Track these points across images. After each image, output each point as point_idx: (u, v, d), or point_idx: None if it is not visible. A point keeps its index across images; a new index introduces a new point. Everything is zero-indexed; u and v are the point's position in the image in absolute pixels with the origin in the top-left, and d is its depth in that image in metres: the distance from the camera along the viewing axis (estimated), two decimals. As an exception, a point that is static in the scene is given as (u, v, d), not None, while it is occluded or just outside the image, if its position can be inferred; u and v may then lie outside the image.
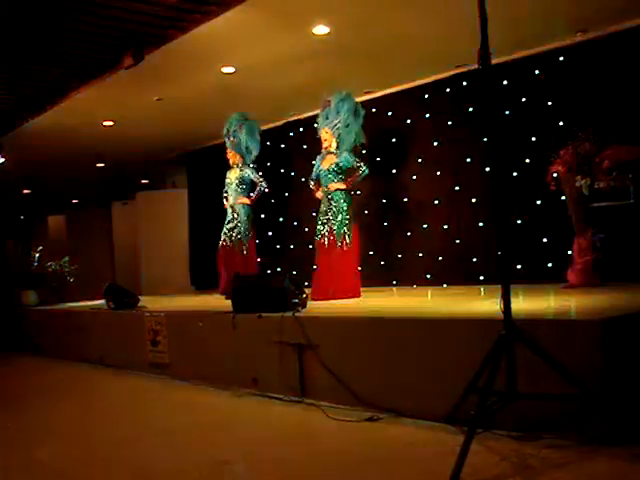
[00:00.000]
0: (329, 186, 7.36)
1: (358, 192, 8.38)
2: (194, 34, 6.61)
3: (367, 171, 7.41)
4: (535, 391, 3.48)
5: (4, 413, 5.66)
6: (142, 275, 12.76)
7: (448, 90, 8.25)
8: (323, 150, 7.60)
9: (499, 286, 3.48)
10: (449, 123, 8.22)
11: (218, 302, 7.46)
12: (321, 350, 5.00)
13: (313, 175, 7.73)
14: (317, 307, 6.02)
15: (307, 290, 6.23)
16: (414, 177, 8.62)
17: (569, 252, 6.47)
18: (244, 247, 8.51)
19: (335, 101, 7.48)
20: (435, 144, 8.37)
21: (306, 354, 5.13)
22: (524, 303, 5.01)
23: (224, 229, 8.64)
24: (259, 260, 9.05)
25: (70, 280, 11.83)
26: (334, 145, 7.50)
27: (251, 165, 8.82)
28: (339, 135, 7.47)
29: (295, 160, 10.16)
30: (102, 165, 13.16)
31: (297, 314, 5.35)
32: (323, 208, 7.42)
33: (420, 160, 8.55)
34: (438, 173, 8.33)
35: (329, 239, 7.23)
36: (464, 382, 3.64)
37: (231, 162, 8.77)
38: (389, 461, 3.57)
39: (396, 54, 7.55)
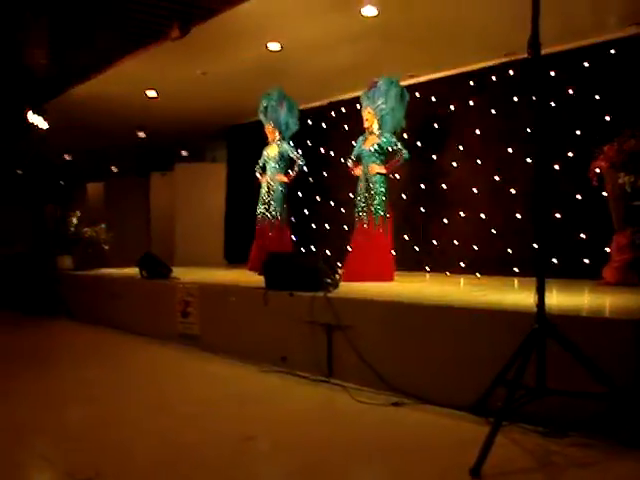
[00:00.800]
0: (370, 168, 7.31)
1: (397, 176, 8.34)
2: (242, 9, 6.60)
3: (407, 155, 7.35)
4: (564, 388, 3.45)
5: (36, 375, 5.75)
6: (177, 246, 12.86)
7: (494, 78, 8.15)
8: (365, 130, 7.57)
9: (533, 279, 3.45)
10: (493, 112, 8.13)
11: (250, 277, 7.49)
12: (350, 332, 5.01)
13: (353, 154, 7.69)
14: (349, 289, 6.01)
15: (340, 271, 6.22)
16: (454, 164, 8.56)
17: (607, 249, 6.40)
18: (279, 224, 8.52)
19: (383, 84, 7.40)
20: (477, 132, 8.30)
21: (335, 335, 5.14)
22: (558, 298, 4.96)
23: (260, 205, 8.65)
24: (294, 238, 9.05)
25: (105, 247, 11.96)
26: (376, 126, 7.43)
27: (290, 142, 8.81)
28: (382, 117, 7.41)
29: (335, 140, 10.13)
30: (143, 135, 13.24)
31: (328, 294, 5.36)
32: (361, 190, 7.39)
33: (461, 148, 8.48)
34: (478, 162, 8.26)
35: (366, 221, 7.21)
36: (492, 373, 3.63)
37: (270, 138, 8.77)
38: (412, 447, 3.57)
39: (444, 39, 7.48)
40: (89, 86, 9.39)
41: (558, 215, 7.29)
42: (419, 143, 8.84)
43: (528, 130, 7.53)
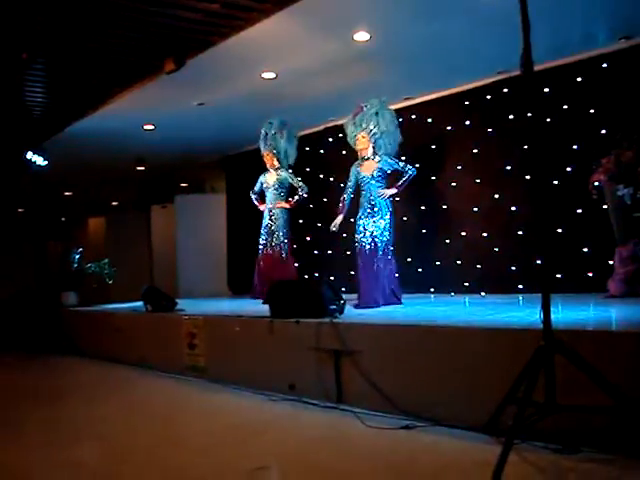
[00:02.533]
0: (376, 192, 7.26)
1: (397, 198, 8.36)
2: (235, 40, 6.65)
3: (414, 171, 7.35)
4: (575, 403, 3.43)
5: (44, 412, 5.73)
6: (180, 278, 12.86)
7: (489, 97, 8.19)
8: (359, 157, 7.52)
9: (538, 295, 3.45)
10: (489, 130, 8.15)
11: (255, 307, 7.48)
12: (358, 357, 4.99)
13: (351, 184, 7.58)
14: (354, 313, 6.00)
15: (344, 296, 6.21)
16: (453, 184, 8.57)
17: (610, 262, 6.39)
18: (282, 252, 8.53)
19: (373, 108, 7.39)
20: (475, 151, 8.31)
21: (343, 360, 5.13)
22: (564, 313, 4.95)
23: (262, 233, 8.67)
24: (296, 265, 9.05)
25: (109, 282, 11.97)
26: (370, 151, 7.41)
27: (288, 170, 8.85)
28: (375, 141, 7.40)
29: (333, 165, 10.15)
30: (142, 168, 13.29)
31: (334, 320, 5.35)
32: (364, 214, 7.31)
33: (459, 167, 8.49)
34: (477, 180, 8.26)
35: (370, 245, 7.16)
36: (502, 392, 3.61)
37: (268, 165, 8.80)
38: (425, 470, 3.55)
39: (437, 60, 7.51)
40: (86, 122, 9.45)
41: (560, 230, 7.29)
42: (417, 164, 8.82)
43: (525, 147, 7.56)
